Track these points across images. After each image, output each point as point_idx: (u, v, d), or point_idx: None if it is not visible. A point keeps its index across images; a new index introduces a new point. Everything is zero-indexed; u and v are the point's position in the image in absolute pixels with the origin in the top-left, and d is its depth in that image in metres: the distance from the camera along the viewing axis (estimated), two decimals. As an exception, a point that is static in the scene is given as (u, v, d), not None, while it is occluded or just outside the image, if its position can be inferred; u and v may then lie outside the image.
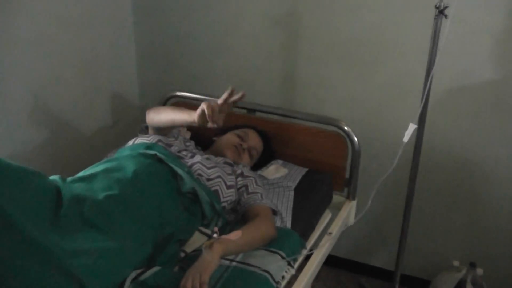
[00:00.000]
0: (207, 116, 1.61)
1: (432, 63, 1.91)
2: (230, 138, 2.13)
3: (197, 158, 1.86)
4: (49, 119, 2.38)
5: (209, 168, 1.82)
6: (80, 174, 1.65)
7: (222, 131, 2.25)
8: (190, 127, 2.44)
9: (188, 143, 2.10)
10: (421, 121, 2.03)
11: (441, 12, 1.85)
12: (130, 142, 1.91)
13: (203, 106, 1.63)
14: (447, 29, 1.77)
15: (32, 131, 2.30)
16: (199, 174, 1.79)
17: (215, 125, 1.62)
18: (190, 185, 1.69)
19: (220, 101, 1.64)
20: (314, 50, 2.47)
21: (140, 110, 2.92)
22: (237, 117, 2.39)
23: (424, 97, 1.94)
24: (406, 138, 1.80)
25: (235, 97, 1.65)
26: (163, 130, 1.97)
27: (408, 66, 2.31)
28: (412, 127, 1.84)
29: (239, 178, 1.92)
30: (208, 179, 1.79)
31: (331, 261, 2.79)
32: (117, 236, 1.42)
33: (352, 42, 2.38)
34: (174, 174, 1.71)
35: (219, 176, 1.81)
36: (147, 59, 2.86)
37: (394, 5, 2.26)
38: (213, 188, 1.78)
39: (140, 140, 1.90)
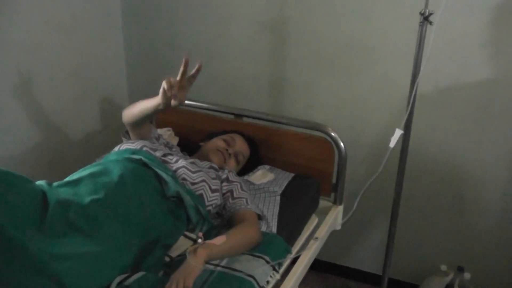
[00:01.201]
0: (166, 90, 1.59)
1: (418, 69, 1.92)
2: (216, 143, 2.13)
3: (182, 162, 1.86)
4: (38, 123, 2.38)
5: (193, 173, 1.82)
6: (66, 178, 1.65)
7: (209, 136, 2.25)
8: (177, 133, 2.46)
9: (173, 148, 2.11)
10: (407, 127, 2.04)
11: (426, 18, 1.86)
12: (116, 148, 1.91)
13: (162, 83, 1.62)
14: (432, 35, 1.79)
15: (20, 135, 2.30)
16: (184, 179, 1.79)
17: (177, 102, 1.59)
18: (175, 189, 1.69)
19: (178, 76, 1.61)
20: (302, 56, 2.47)
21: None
22: (224, 123, 2.40)
23: (410, 102, 1.95)
24: (392, 144, 1.81)
25: (192, 71, 1.62)
26: (140, 127, 1.96)
27: (395, 72, 2.32)
28: (398, 132, 1.85)
29: (224, 183, 1.92)
30: (193, 183, 1.79)
31: (318, 266, 2.79)
32: (102, 240, 1.42)
33: (339, 48, 2.40)
34: (159, 178, 1.72)
35: (203, 180, 1.81)
36: (136, 64, 2.85)
37: (380, 11, 2.27)
38: (198, 192, 1.78)
39: (126, 146, 1.90)
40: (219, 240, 1.57)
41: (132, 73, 2.88)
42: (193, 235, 1.68)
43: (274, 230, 1.85)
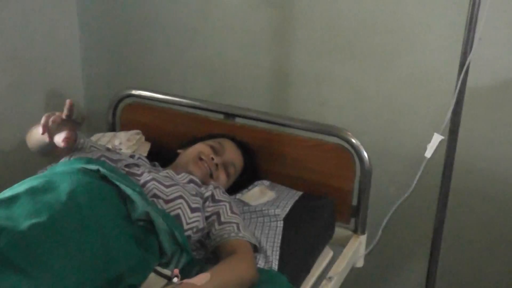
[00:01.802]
0: (41, 124, 1.68)
1: (467, 55, 1.91)
2: (198, 149, 2.13)
3: (152, 174, 1.86)
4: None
5: (167, 187, 1.82)
6: (-4, 196, 1.66)
7: (191, 142, 2.24)
8: (149, 137, 2.45)
9: (141, 157, 2.11)
10: (453, 131, 2.03)
11: (480, -13, 1.84)
12: (66, 157, 1.91)
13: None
14: (486, 10, 1.76)
15: None
16: (155, 195, 1.78)
17: (62, 144, 1.69)
18: (143, 209, 1.67)
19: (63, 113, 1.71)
20: (313, 39, 2.49)
21: (85, 114, 2.90)
22: (211, 124, 2.40)
23: (455, 99, 1.94)
24: (429, 153, 1.83)
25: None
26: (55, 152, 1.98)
27: (435, 60, 2.33)
28: (437, 138, 1.85)
29: (209, 203, 1.92)
30: (167, 201, 1.78)
31: (334, 315, 2.78)
32: (45, 279, 1.40)
33: (361, 28, 2.41)
34: (123, 195, 1.70)
35: (180, 196, 1.80)
36: (95, 48, 2.92)
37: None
38: (174, 213, 1.77)
39: (78, 154, 1.90)
40: (201, 278, 1.54)
41: (89, 60, 2.94)
42: (167, 272, 1.64)
43: (275, 266, 1.85)
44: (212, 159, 2.10)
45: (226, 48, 2.64)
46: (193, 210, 1.81)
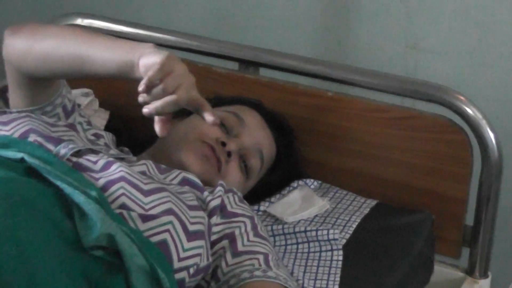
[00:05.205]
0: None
1: None
2: (199, 127, 2.15)
3: (121, 169, 1.85)
4: None
5: (147, 193, 1.81)
6: None
7: (184, 109, 2.22)
8: (105, 101, 2.46)
9: (97, 136, 2.12)
10: None
11: None
12: None
13: (164, 58, 1.66)
14: None
15: None
16: (125, 206, 1.77)
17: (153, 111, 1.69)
18: (104, 230, 1.66)
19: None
20: None
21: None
22: (217, 79, 2.45)
23: None
24: None
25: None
26: (48, 83, 2.00)
27: None
28: None
29: (216, 218, 1.94)
30: (146, 217, 1.77)
31: None
32: None
33: None
34: (68, 204, 1.69)
35: (169, 211, 1.80)
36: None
37: None
38: (157, 238, 1.76)
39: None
40: None
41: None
42: None
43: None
44: (223, 144, 2.12)
45: None
46: (191, 235, 1.80)
